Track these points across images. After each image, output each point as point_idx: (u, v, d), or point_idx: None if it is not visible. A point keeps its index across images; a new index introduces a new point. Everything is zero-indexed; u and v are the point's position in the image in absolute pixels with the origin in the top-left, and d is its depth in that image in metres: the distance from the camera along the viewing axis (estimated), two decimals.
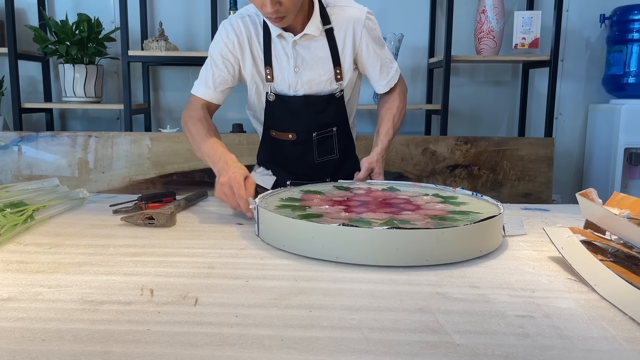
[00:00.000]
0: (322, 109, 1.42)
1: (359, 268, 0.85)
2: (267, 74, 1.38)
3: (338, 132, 1.47)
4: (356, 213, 1.00)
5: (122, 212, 1.20)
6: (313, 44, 1.37)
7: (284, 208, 1.04)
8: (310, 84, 1.39)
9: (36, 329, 0.62)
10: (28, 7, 2.74)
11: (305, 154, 1.46)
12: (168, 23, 2.65)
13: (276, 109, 1.43)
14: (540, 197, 2.36)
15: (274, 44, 1.37)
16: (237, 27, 1.37)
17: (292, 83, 1.39)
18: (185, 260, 0.88)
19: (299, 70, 1.37)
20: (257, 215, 1.01)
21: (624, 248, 0.88)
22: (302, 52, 1.37)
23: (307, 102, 1.40)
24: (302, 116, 1.41)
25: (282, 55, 1.37)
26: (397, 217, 0.98)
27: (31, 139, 2.30)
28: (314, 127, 1.44)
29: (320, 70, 1.38)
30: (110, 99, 2.81)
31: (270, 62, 1.38)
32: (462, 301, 0.72)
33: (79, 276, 0.80)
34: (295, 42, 1.35)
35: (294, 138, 1.44)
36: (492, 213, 0.97)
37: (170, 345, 0.58)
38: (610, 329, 0.64)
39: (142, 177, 2.31)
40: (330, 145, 1.47)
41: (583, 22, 2.76)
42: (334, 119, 1.45)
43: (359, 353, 0.57)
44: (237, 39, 1.36)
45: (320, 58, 1.38)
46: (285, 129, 1.45)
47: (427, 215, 0.99)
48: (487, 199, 1.12)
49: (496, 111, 2.86)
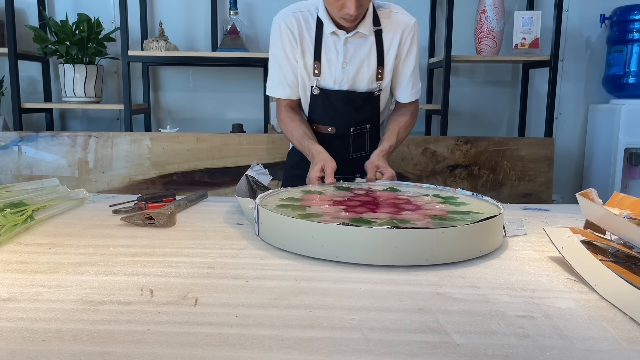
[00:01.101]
0: (361, 105, 1.51)
1: (359, 268, 0.85)
2: (315, 68, 1.46)
3: (370, 129, 1.56)
4: (356, 213, 1.00)
5: (122, 212, 1.20)
6: (362, 42, 1.45)
7: (284, 207, 1.04)
8: (354, 80, 1.47)
9: (36, 329, 0.62)
10: (28, 7, 2.74)
11: (341, 148, 1.53)
12: (168, 23, 2.65)
13: (319, 103, 1.50)
14: (540, 197, 2.36)
15: (324, 40, 1.45)
16: (289, 23, 1.45)
17: (338, 78, 1.47)
18: (185, 260, 0.88)
19: (347, 66, 1.46)
20: (257, 215, 1.01)
21: (624, 248, 0.88)
22: (352, 49, 1.45)
23: (349, 98, 1.49)
24: (342, 111, 1.50)
25: (332, 51, 1.45)
26: (396, 217, 0.98)
27: (31, 139, 2.30)
28: (352, 122, 1.52)
29: (365, 67, 1.47)
30: (110, 99, 2.81)
31: (319, 57, 1.46)
32: (462, 301, 0.72)
33: (79, 276, 0.80)
34: (347, 39, 1.43)
35: (333, 132, 1.52)
36: (492, 213, 0.97)
37: (170, 345, 0.58)
38: (611, 329, 0.64)
39: (142, 177, 2.31)
40: (363, 141, 1.56)
41: (583, 22, 2.76)
42: (369, 117, 1.54)
43: (359, 353, 0.57)
44: (291, 34, 1.45)
45: (367, 56, 1.46)
46: (326, 122, 1.53)
47: (427, 215, 0.99)
48: (487, 199, 1.13)
49: (496, 111, 2.85)
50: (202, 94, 2.82)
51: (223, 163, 2.30)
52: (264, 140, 2.31)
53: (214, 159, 2.30)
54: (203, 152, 2.30)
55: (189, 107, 2.83)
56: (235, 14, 2.55)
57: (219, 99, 2.82)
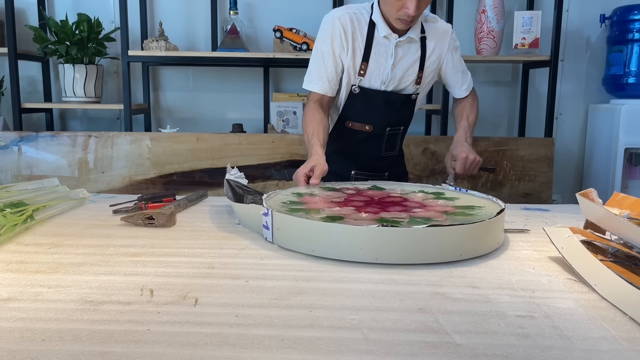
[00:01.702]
0: (399, 107, 1.58)
1: (359, 268, 0.85)
2: (361, 69, 1.51)
3: (402, 131, 1.65)
4: (373, 213, 1.01)
5: (122, 212, 1.20)
6: (410, 47, 1.53)
7: (294, 211, 1.00)
8: (399, 82, 1.55)
9: (36, 329, 0.62)
10: (28, 7, 2.74)
11: (375, 146, 1.61)
12: (168, 23, 2.65)
13: (357, 102, 1.56)
14: (540, 197, 2.36)
15: (375, 42, 1.50)
16: (344, 22, 1.49)
17: (385, 79, 1.53)
18: (185, 260, 0.88)
19: (394, 68, 1.52)
20: (271, 221, 0.97)
21: (624, 248, 0.88)
22: (401, 52, 1.52)
23: (389, 99, 1.56)
24: (382, 110, 1.56)
25: (382, 53, 1.51)
26: (414, 215, 1.00)
27: (31, 139, 2.30)
28: (389, 122, 1.59)
29: (410, 71, 1.54)
30: (110, 99, 2.81)
31: (367, 58, 1.51)
32: (462, 301, 0.72)
33: (79, 276, 0.80)
34: (398, 42, 1.50)
35: (370, 130, 1.58)
36: (488, 205, 1.05)
37: (170, 345, 0.58)
38: (610, 329, 0.64)
39: (142, 177, 2.31)
40: (394, 142, 1.64)
41: (583, 22, 2.76)
42: (404, 119, 1.63)
43: (359, 353, 0.57)
44: (344, 33, 1.49)
45: (413, 60, 1.54)
46: (363, 120, 1.58)
47: (439, 212, 1.02)
48: (474, 193, 1.18)
49: (496, 111, 2.85)
50: (202, 94, 2.82)
51: (223, 163, 2.30)
52: (264, 140, 2.30)
53: (214, 159, 2.30)
54: (203, 152, 2.30)
55: (189, 107, 2.83)
56: (235, 14, 2.55)
57: (219, 99, 2.82)
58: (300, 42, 2.44)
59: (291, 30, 2.45)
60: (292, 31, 2.45)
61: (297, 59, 2.41)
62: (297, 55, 2.42)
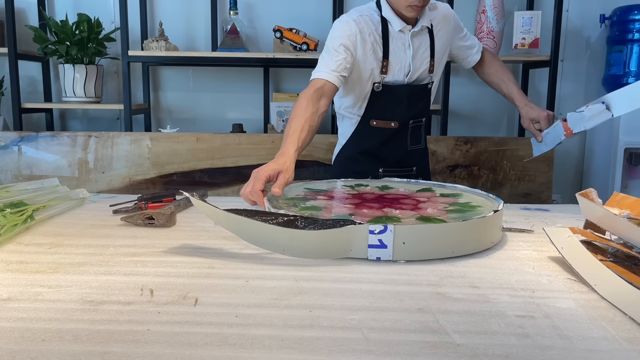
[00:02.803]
0: (419, 98, 1.58)
1: (359, 268, 0.85)
2: (383, 66, 1.50)
3: (425, 123, 1.64)
4: (383, 211, 1.02)
5: (122, 212, 1.20)
6: (422, 36, 1.53)
7: (307, 210, 1.03)
8: (419, 72, 1.54)
9: (36, 329, 0.62)
10: (28, 7, 2.74)
11: (401, 141, 1.59)
12: (168, 23, 2.65)
13: (380, 99, 1.54)
14: (540, 197, 2.36)
15: (391, 38, 1.50)
16: (358, 22, 1.47)
17: (407, 71, 1.52)
18: (185, 260, 0.88)
19: (414, 59, 1.52)
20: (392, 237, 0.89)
21: (624, 248, 0.88)
22: (416, 42, 1.52)
23: (411, 91, 1.55)
24: (405, 104, 1.55)
25: (400, 47, 1.50)
26: (421, 212, 1.02)
27: (31, 139, 2.30)
28: (412, 115, 1.58)
29: (425, 60, 1.54)
30: (110, 99, 2.81)
31: (387, 55, 1.50)
32: (462, 301, 0.72)
33: (79, 276, 0.80)
34: (413, 33, 1.50)
35: (396, 126, 1.56)
36: (477, 197, 1.09)
37: (170, 345, 0.58)
38: (610, 329, 0.64)
39: (142, 177, 2.31)
40: (419, 134, 1.62)
41: (583, 22, 2.76)
42: (424, 110, 1.61)
43: (359, 353, 0.57)
44: (359, 33, 1.46)
45: (426, 49, 1.54)
46: (389, 117, 1.56)
47: (442, 210, 1.03)
48: (457, 186, 1.22)
49: (496, 111, 2.85)
50: (202, 94, 2.82)
51: (223, 163, 2.30)
52: (264, 140, 2.31)
53: (214, 159, 2.30)
54: (203, 152, 2.30)
55: (189, 107, 2.83)
56: (235, 14, 2.55)
57: (219, 99, 2.82)
58: (300, 42, 2.43)
59: (291, 31, 2.45)
60: (292, 31, 2.45)
61: (297, 59, 2.41)
62: (297, 55, 2.42)
